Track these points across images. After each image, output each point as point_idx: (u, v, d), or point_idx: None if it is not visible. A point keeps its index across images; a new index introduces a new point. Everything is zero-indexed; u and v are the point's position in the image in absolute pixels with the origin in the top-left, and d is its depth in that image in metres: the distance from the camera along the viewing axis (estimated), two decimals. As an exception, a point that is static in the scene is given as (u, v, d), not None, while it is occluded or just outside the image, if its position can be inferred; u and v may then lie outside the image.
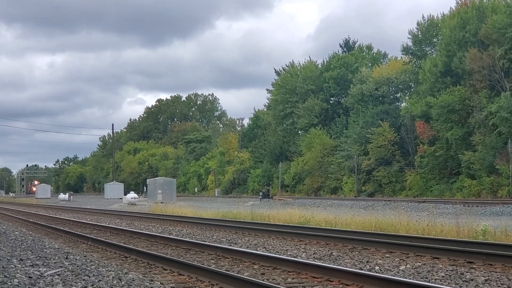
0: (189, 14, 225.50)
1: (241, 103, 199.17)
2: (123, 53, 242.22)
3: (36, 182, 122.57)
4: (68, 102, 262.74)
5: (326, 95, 71.14)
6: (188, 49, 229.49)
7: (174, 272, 10.25)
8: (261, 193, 57.20)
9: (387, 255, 12.22)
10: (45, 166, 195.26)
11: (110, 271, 9.78)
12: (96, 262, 11.15)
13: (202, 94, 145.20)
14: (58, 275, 9.35)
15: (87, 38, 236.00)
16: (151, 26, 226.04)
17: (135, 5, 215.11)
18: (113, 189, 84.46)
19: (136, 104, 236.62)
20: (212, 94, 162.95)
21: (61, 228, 21.62)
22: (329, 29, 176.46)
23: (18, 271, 9.70)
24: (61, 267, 10.34)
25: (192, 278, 9.59)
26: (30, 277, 9.01)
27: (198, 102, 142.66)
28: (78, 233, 18.89)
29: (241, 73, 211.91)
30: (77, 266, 10.35)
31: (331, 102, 72.55)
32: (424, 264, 10.74)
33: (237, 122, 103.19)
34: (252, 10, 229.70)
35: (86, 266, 10.41)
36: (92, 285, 8.39)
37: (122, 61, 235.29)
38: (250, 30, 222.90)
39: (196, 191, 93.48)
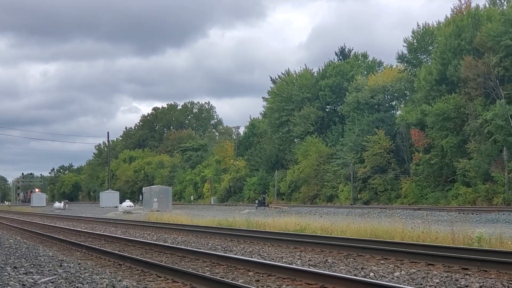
0: (182, 23, 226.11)
1: (235, 111, 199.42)
2: (116, 61, 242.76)
3: (36, 190, 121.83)
4: (62, 111, 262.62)
5: (322, 103, 71.28)
6: (182, 58, 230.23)
7: (168, 279, 10.22)
8: (257, 201, 57.08)
9: (381, 262, 12.22)
10: (41, 174, 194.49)
11: (104, 278, 9.75)
12: (90, 269, 11.11)
13: (198, 102, 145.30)
14: (52, 282, 9.32)
15: (80, 47, 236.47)
16: (144, 34, 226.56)
17: (128, 14, 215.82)
18: (108, 197, 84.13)
19: (130, 112, 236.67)
20: (208, 102, 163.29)
21: (56, 236, 21.54)
22: (321, 38, 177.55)
23: (12, 279, 9.66)
24: (55, 274, 10.30)
25: (186, 285, 9.57)
26: (23, 285, 8.98)
27: (194, 111, 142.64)
28: (72, 241, 18.83)
29: (234, 81, 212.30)
30: (71, 274, 10.31)
31: (327, 110, 72.70)
32: (419, 270, 10.74)
33: (233, 130, 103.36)
34: (244, 19, 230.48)
35: (80, 273, 10.38)
36: (86, 292, 8.36)
37: (115, 69, 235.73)
38: (243, 39, 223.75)
39: (192, 199, 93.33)
